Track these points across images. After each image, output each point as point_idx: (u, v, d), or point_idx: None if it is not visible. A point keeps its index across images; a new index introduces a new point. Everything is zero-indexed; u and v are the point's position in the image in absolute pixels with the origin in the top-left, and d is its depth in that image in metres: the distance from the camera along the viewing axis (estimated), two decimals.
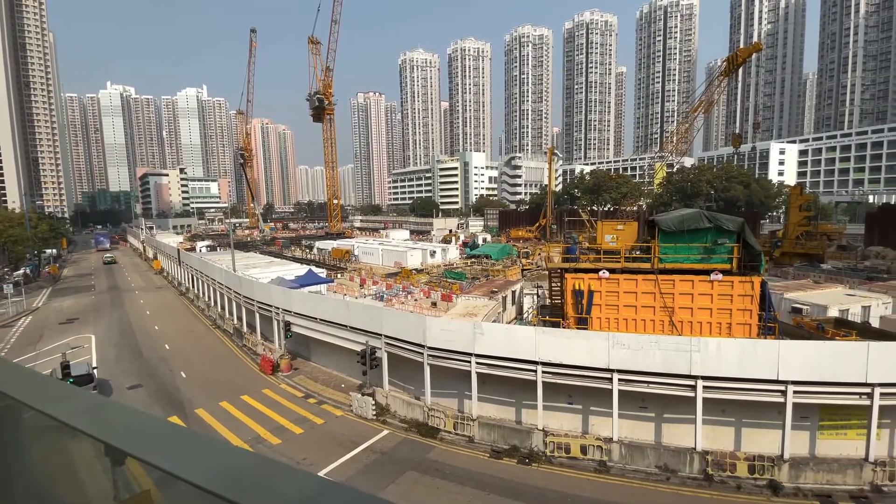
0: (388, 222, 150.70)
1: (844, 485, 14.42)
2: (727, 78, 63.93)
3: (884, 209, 66.73)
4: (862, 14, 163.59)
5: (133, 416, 1.23)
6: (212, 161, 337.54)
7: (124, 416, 1.24)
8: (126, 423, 1.22)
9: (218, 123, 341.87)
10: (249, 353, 29.24)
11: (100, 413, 1.26)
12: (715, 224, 19.79)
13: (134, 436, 1.13)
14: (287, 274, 36.96)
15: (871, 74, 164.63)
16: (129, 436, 1.14)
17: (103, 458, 1.18)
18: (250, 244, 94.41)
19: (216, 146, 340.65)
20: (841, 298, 28.26)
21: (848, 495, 14.10)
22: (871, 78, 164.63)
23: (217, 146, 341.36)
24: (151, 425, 1.19)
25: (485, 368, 17.57)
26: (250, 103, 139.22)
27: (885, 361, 13.99)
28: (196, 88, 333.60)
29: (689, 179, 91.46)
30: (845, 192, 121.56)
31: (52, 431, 1.34)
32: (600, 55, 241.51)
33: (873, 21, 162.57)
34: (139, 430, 1.15)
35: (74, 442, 1.34)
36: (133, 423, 1.22)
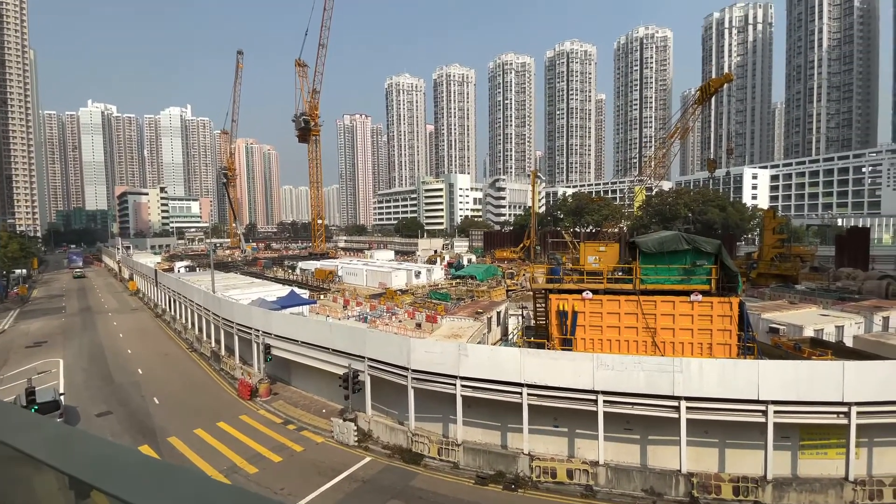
0: (372, 243, 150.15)
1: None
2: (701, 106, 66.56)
3: (852, 232, 69.44)
4: (825, 48, 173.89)
5: (100, 446, 1.16)
6: (194, 180, 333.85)
7: (90, 446, 1.17)
8: (92, 454, 1.14)
9: (202, 142, 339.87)
10: (227, 377, 28.32)
11: (64, 443, 1.19)
12: (693, 246, 20.27)
13: (100, 467, 1.06)
14: (268, 295, 36.26)
15: (835, 104, 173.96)
16: (95, 467, 1.07)
17: (67, 491, 1.11)
18: (231, 264, 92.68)
19: (199, 165, 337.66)
20: (816, 318, 29.01)
21: None
22: (836, 108, 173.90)
23: (200, 165, 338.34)
24: (119, 456, 1.11)
25: (470, 391, 17.34)
26: (235, 123, 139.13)
27: (861, 380, 14.31)
28: (180, 108, 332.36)
29: (667, 202, 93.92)
30: (815, 215, 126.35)
31: (13, 463, 1.26)
32: (580, 83, 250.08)
33: (835, 55, 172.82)
34: (106, 462, 1.07)
35: (37, 474, 1.25)
36: (99, 454, 1.14)
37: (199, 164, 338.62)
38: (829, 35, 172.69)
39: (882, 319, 29.87)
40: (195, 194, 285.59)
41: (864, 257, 59.45)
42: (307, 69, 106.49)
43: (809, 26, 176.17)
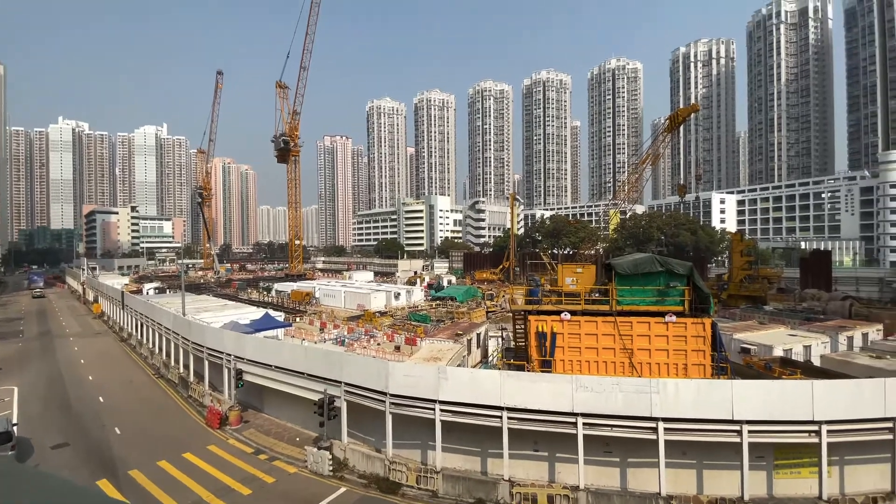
0: (351, 264, 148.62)
1: None
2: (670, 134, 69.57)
3: (814, 255, 72.78)
4: (783, 82, 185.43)
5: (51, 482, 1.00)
6: (167, 199, 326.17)
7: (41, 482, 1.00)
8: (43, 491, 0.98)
9: (177, 161, 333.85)
10: (195, 404, 27.07)
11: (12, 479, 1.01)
12: (666, 268, 20.77)
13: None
14: (242, 318, 35.21)
15: (794, 134, 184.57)
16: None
17: None
18: (204, 286, 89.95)
19: (173, 184, 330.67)
20: (784, 338, 29.92)
21: None
22: (795, 137, 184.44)
23: (174, 184, 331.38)
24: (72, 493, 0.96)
25: (449, 416, 17.02)
26: (213, 142, 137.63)
27: (829, 399, 14.71)
28: (156, 126, 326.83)
29: (640, 225, 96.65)
30: (780, 238, 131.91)
31: None
32: (556, 110, 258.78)
33: (793, 88, 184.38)
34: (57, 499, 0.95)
35: None
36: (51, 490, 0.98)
37: (174, 183, 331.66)
38: (786, 70, 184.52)
39: (846, 339, 31.03)
40: (168, 214, 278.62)
41: (827, 279, 62.13)
42: (288, 91, 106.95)
43: (768, 61, 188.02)
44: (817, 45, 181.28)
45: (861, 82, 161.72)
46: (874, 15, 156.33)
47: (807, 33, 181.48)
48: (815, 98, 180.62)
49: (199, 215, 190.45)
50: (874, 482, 15.44)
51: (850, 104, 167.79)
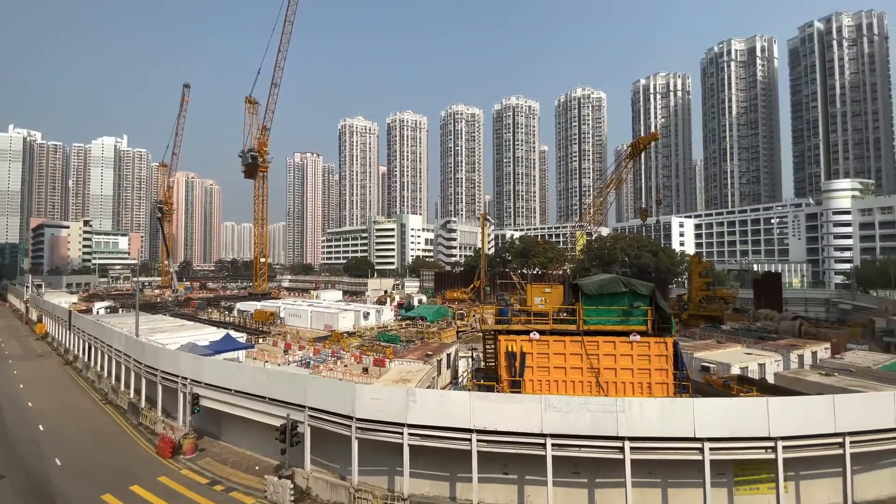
0: (319, 282, 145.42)
1: None
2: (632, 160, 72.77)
3: (766, 276, 76.93)
4: (734, 114, 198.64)
5: None
6: (124, 214, 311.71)
7: None
8: None
9: (137, 174, 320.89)
10: (146, 432, 25.35)
11: None
12: (630, 288, 21.41)
13: None
14: (200, 339, 33.58)
15: (745, 163, 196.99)
16: None
17: None
18: (160, 305, 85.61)
19: (132, 198, 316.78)
20: (741, 357, 31.17)
21: None
22: (746, 166, 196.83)
23: (133, 198, 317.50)
24: None
25: (418, 440, 16.60)
26: (176, 156, 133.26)
27: (783, 416, 15.30)
28: (115, 137, 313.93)
29: (605, 247, 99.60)
30: (734, 260, 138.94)
31: None
32: (525, 134, 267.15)
33: (743, 120, 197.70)
34: None
35: None
36: None
37: (132, 196, 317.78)
38: (737, 103, 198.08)
39: (798, 357, 32.65)
40: (125, 229, 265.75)
41: (778, 299, 65.58)
42: (258, 106, 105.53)
43: (720, 95, 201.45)
44: (765, 82, 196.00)
45: (804, 117, 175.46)
46: (815, 55, 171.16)
47: (755, 70, 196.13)
48: (763, 130, 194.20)
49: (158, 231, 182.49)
50: (828, 496, 16.06)
51: (794, 137, 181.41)
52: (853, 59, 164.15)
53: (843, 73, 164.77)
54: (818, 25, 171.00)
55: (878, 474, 16.60)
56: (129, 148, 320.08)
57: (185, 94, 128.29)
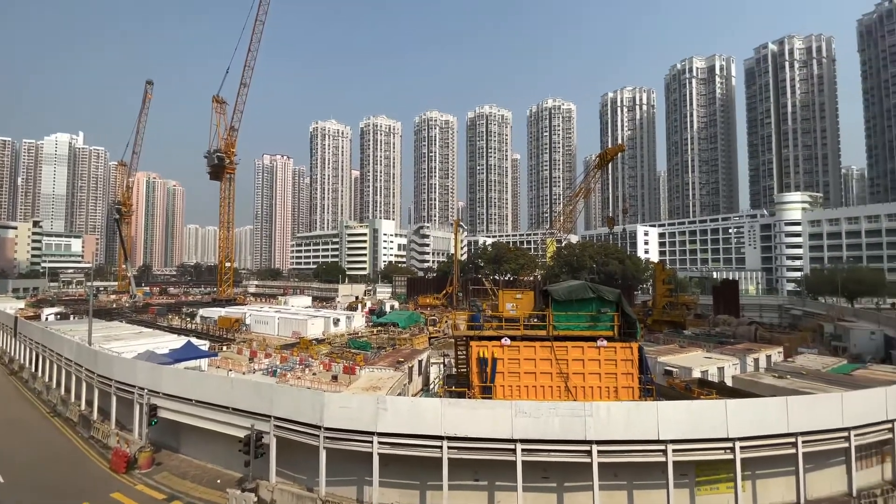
0: (288, 288, 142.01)
1: None
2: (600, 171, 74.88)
3: (725, 283, 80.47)
4: (695, 129, 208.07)
5: None
6: (79, 215, 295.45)
7: None
8: None
9: (93, 173, 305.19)
10: (98, 446, 23.90)
11: None
12: (598, 294, 21.91)
13: None
14: (159, 347, 32.08)
15: (705, 175, 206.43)
16: None
17: None
18: (116, 311, 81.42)
19: (87, 198, 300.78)
20: (701, 361, 32.41)
21: None
22: (706, 178, 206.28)
23: (88, 198, 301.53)
24: None
25: (388, 448, 16.35)
26: (136, 155, 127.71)
27: (741, 417, 15.97)
28: (70, 134, 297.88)
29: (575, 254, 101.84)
30: (696, 268, 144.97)
31: None
32: (498, 143, 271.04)
33: (703, 135, 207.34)
34: None
35: None
36: None
37: (88, 196, 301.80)
38: (697, 118, 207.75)
39: (753, 360, 34.22)
40: (79, 231, 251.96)
41: (735, 306, 68.70)
42: (226, 106, 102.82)
43: (682, 110, 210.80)
44: (723, 99, 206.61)
45: (759, 133, 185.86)
46: (769, 75, 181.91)
47: (714, 88, 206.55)
48: (722, 145, 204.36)
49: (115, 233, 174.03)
50: (782, 494, 16.80)
51: (750, 151, 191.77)
52: (804, 79, 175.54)
53: (794, 93, 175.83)
54: (772, 47, 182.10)
55: (827, 472, 17.50)
56: (86, 146, 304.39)
57: (147, 91, 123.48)
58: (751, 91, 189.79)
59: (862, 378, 24.94)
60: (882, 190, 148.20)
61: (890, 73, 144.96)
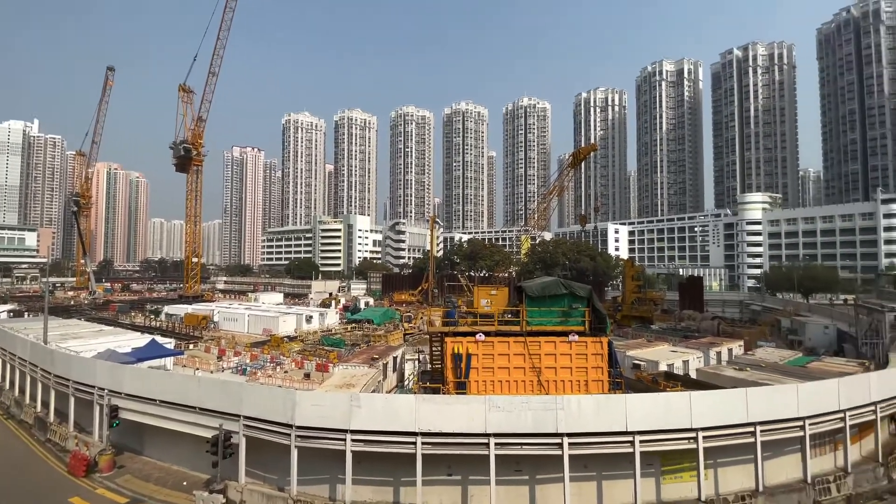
0: (258, 284, 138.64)
1: None
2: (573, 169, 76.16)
3: (690, 280, 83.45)
4: (664, 130, 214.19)
5: None
6: (33, 207, 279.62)
7: None
8: None
9: (49, 163, 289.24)
10: (56, 449, 22.78)
11: None
12: (570, 291, 22.33)
13: None
14: (122, 346, 30.79)
15: (673, 175, 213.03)
16: None
17: None
18: (75, 309, 77.65)
19: (42, 190, 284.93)
20: (668, 355, 33.55)
21: None
22: (673, 178, 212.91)
23: (43, 190, 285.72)
24: None
25: (361, 445, 16.23)
26: (96, 144, 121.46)
27: (703, 408, 16.62)
28: (24, 122, 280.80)
29: (548, 251, 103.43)
30: (663, 265, 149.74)
31: None
32: (474, 139, 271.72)
33: (672, 136, 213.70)
34: None
35: None
36: None
37: (44, 188, 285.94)
38: (666, 120, 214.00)
39: (716, 354, 35.66)
40: (34, 223, 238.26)
41: (700, 301, 71.36)
42: (193, 95, 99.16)
43: (652, 112, 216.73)
44: (691, 101, 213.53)
45: (724, 135, 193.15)
46: (734, 80, 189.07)
47: (683, 91, 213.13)
48: (689, 146, 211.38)
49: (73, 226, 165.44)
50: (741, 482, 17.60)
51: (715, 153, 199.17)
52: (766, 85, 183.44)
53: (756, 98, 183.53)
54: (737, 53, 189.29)
55: (784, 460, 18.44)
56: (41, 134, 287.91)
57: (108, 78, 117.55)
58: (717, 95, 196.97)
59: (816, 370, 26.36)
60: (837, 192, 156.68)
61: (846, 80, 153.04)
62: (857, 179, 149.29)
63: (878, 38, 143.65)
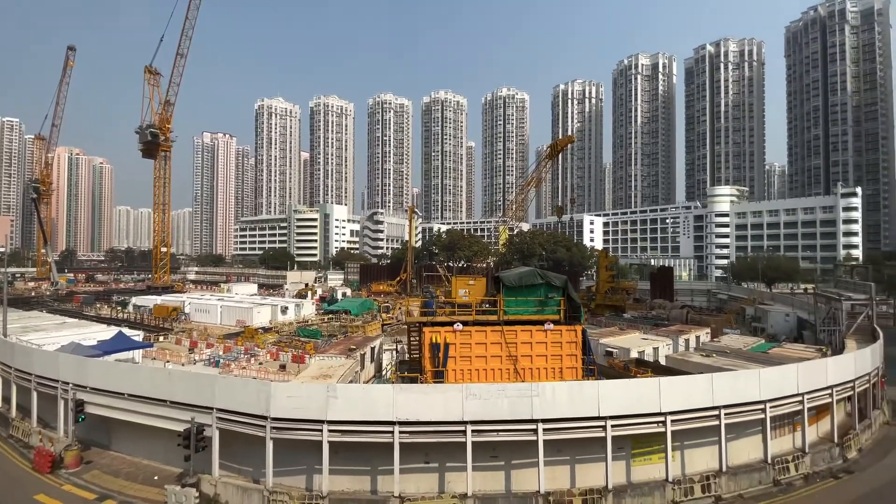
0: (231, 275, 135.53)
1: None
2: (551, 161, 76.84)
3: (661, 270, 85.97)
4: (639, 123, 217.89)
5: None
6: None
7: None
8: None
9: (6, 147, 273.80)
10: (19, 446, 21.89)
11: None
12: (546, 280, 22.68)
13: None
14: (87, 338, 29.66)
15: (646, 168, 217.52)
16: None
17: None
18: (35, 300, 74.20)
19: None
20: (639, 342, 34.58)
21: None
22: (647, 171, 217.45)
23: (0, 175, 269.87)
24: None
25: (338, 436, 16.19)
26: (56, 128, 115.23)
27: (672, 393, 17.27)
28: None
29: (525, 242, 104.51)
30: (635, 255, 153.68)
31: None
32: (453, 129, 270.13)
33: (646, 129, 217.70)
34: None
35: None
36: None
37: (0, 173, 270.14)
38: (641, 114, 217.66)
39: (685, 341, 36.98)
40: None
41: (670, 291, 73.68)
42: (160, 78, 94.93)
43: (628, 105, 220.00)
44: (664, 96, 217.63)
45: (695, 129, 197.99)
46: (706, 75, 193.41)
47: (657, 84, 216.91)
48: (662, 139, 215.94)
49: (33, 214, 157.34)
50: (706, 462, 18.44)
51: (687, 146, 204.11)
52: (736, 80, 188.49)
53: (727, 93, 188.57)
54: (709, 48, 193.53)
55: (746, 441, 19.40)
56: None
57: (69, 58, 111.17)
58: (689, 89, 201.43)
59: (777, 356, 27.67)
60: (800, 186, 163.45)
61: (812, 77, 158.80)
62: (820, 174, 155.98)
63: (842, 37, 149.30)
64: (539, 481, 16.25)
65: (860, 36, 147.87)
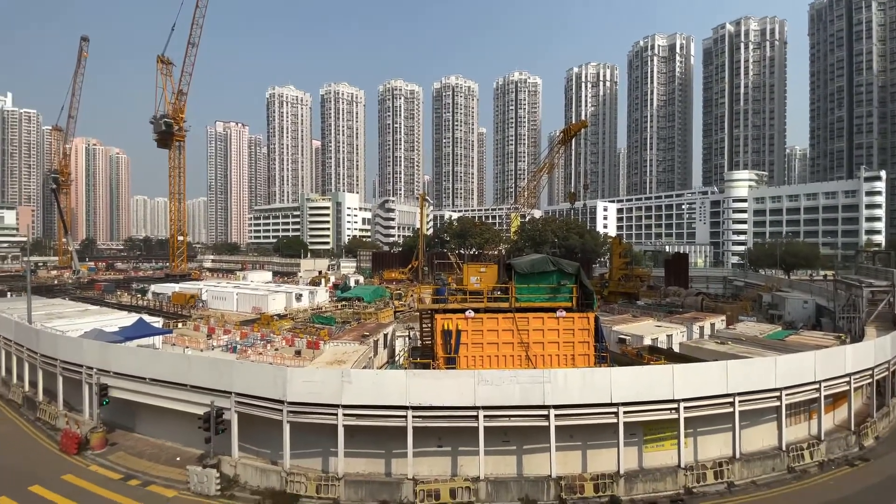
0: (246, 263, 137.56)
1: (665, 491, 16.88)
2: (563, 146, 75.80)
3: (676, 257, 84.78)
4: (655, 107, 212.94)
5: None
6: (10, 184, 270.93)
7: None
8: None
9: (25, 139, 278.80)
10: (46, 428, 22.80)
11: None
12: (558, 268, 22.59)
13: None
14: (108, 325, 30.52)
15: (662, 153, 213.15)
16: None
17: None
18: (58, 288, 76.43)
19: (19, 166, 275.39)
20: (652, 329, 34.34)
21: (669, 500, 16.50)
22: (663, 156, 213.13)
23: (20, 166, 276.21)
24: None
25: (353, 420, 16.53)
26: (73, 119, 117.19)
27: (685, 380, 17.18)
28: None
29: (537, 229, 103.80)
30: (650, 242, 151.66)
31: None
32: (464, 115, 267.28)
33: (662, 113, 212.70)
34: None
35: None
36: None
37: (20, 164, 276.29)
38: (657, 97, 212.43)
39: (699, 328, 36.62)
40: (11, 201, 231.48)
41: (685, 278, 72.70)
42: (172, 67, 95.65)
43: (644, 88, 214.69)
44: (682, 78, 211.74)
45: (713, 112, 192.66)
46: (725, 56, 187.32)
47: (674, 66, 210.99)
48: (679, 123, 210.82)
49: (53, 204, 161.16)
50: (719, 449, 18.39)
51: (704, 130, 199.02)
52: (757, 61, 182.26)
53: (747, 74, 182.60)
54: (729, 28, 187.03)
55: (760, 428, 19.26)
56: (15, 108, 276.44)
57: (82, 49, 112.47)
58: (708, 71, 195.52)
59: (794, 343, 27.25)
60: (822, 170, 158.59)
61: (836, 56, 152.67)
62: (843, 157, 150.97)
63: (869, 14, 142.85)
64: (551, 466, 16.41)
65: (888, 13, 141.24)
